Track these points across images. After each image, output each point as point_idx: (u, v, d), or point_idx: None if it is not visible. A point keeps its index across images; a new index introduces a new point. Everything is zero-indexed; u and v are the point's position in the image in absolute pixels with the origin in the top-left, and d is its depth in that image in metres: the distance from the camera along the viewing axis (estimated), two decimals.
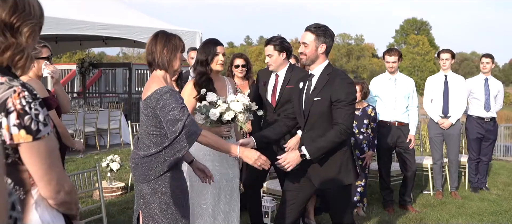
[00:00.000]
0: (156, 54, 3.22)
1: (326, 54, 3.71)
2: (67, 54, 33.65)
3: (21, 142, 1.66)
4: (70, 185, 1.84)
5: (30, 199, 1.78)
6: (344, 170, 3.65)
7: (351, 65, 75.29)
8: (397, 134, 6.16)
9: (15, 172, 1.74)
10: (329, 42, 3.67)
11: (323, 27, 3.67)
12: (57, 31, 9.42)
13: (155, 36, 3.28)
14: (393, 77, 6.21)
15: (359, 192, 5.88)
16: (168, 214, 3.21)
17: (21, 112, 1.65)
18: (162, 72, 3.26)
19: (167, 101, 3.08)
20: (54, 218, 1.84)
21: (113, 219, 5.76)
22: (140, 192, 3.27)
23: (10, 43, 1.72)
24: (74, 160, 9.52)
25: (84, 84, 16.43)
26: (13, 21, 1.72)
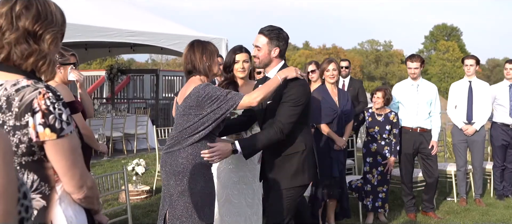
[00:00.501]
0: (196, 62, 3.44)
1: (281, 57, 3.67)
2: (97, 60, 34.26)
3: (46, 139, 1.78)
4: (92, 181, 1.96)
5: (55, 195, 1.89)
6: (299, 172, 3.62)
7: (380, 72, 74.64)
8: (419, 140, 6.15)
9: (41, 169, 1.86)
10: (282, 45, 3.62)
11: (276, 30, 3.62)
12: (86, 38, 9.65)
13: (191, 45, 3.50)
14: (416, 83, 6.21)
15: (380, 198, 5.89)
16: (194, 215, 3.31)
17: (46, 112, 1.77)
18: (199, 77, 3.47)
19: (209, 90, 3.32)
20: (76, 213, 1.95)
21: (137, 221, 5.90)
22: (169, 192, 3.38)
23: (33, 49, 1.83)
24: (102, 164, 9.73)
25: (112, 90, 16.75)
26: (36, 29, 1.83)
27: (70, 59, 3.98)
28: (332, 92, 5.45)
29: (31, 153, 1.81)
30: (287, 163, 3.62)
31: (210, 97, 3.29)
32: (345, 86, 7.90)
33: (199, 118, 3.31)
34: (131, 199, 6.74)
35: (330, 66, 5.42)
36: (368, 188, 5.92)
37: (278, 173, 3.65)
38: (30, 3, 1.84)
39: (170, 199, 3.37)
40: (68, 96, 3.81)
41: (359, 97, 7.55)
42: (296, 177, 3.62)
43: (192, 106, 3.33)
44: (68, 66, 3.97)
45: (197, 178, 3.33)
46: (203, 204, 3.36)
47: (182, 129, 3.36)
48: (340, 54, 68.20)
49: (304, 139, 3.65)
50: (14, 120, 1.77)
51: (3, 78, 1.83)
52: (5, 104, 1.77)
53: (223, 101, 3.29)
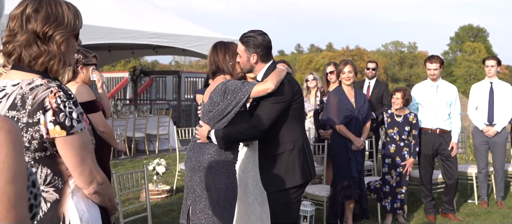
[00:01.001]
0: (219, 62, 3.58)
1: (263, 60, 3.64)
2: (121, 62, 34.70)
3: (56, 136, 1.86)
4: (102, 178, 2.02)
5: (67, 188, 1.97)
6: (290, 172, 3.62)
7: (404, 73, 73.93)
8: (439, 142, 6.11)
9: (54, 164, 1.94)
10: (260, 51, 3.59)
11: (252, 37, 3.59)
12: (109, 40, 9.81)
13: (214, 47, 3.65)
14: (435, 84, 6.18)
15: (399, 199, 5.87)
16: (216, 210, 3.39)
17: (56, 110, 1.85)
18: (224, 76, 3.59)
19: (230, 83, 3.45)
20: (89, 207, 2.02)
21: (157, 219, 5.99)
22: (192, 187, 3.47)
23: (42, 51, 1.91)
24: (124, 164, 9.88)
25: (135, 91, 16.97)
26: (46, 31, 1.91)
27: (92, 60, 4.09)
28: (349, 93, 5.47)
29: (43, 149, 1.89)
30: (276, 164, 3.64)
31: (229, 89, 3.41)
32: (370, 88, 7.88)
33: (221, 107, 3.43)
34: (152, 198, 6.86)
35: (346, 68, 5.43)
36: (387, 189, 5.90)
37: (268, 175, 3.68)
38: (40, 6, 1.91)
39: (193, 194, 3.44)
40: (89, 96, 3.92)
41: (384, 99, 7.52)
42: (286, 178, 3.62)
43: (216, 101, 3.44)
44: (90, 66, 4.08)
45: (221, 174, 3.42)
46: (226, 200, 3.45)
47: (208, 119, 3.48)
48: (363, 56, 67.83)
49: (292, 137, 3.64)
50: (27, 118, 1.85)
51: (19, 77, 1.91)
52: (20, 102, 1.86)
53: (240, 89, 3.40)
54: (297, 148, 3.64)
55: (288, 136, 3.63)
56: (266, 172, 3.68)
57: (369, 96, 7.82)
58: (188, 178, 3.52)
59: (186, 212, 3.54)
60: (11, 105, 1.87)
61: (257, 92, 3.44)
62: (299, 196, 3.76)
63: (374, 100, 7.80)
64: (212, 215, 3.41)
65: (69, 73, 3.97)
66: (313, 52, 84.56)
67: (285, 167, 3.61)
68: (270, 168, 3.65)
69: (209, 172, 3.40)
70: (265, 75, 3.64)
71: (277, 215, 3.69)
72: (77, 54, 3.99)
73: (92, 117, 3.90)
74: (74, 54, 2.12)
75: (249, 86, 3.43)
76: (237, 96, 3.40)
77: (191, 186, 3.49)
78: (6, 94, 1.90)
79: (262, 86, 3.43)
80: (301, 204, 5.47)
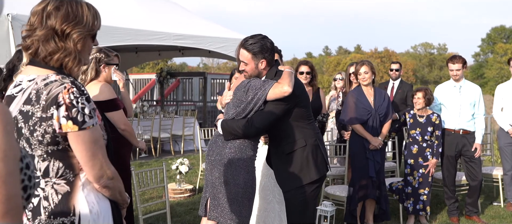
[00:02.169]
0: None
1: (270, 64, 3.67)
2: (150, 64, 35.10)
3: (69, 131, 1.93)
4: (112, 172, 2.08)
5: (78, 181, 2.04)
6: (304, 168, 3.62)
7: (434, 75, 72.96)
8: (462, 143, 6.04)
9: (66, 157, 2.01)
10: (268, 56, 3.61)
11: (258, 43, 3.57)
12: (136, 41, 9.94)
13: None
14: (458, 84, 6.11)
15: (422, 200, 5.82)
16: (234, 205, 3.44)
17: (69, 105, 1.92)
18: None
19: (253, 81, 3.56)
20: (99, 200, 2.08)
21: (179, 218, 6.06)
22: (212, 180, 3.53)
23: (59, 47, 1.99)
24: (150, 164, 10.02)
25: (162, 92, 17.16)
26: (64, 28, 1.98)
27: (114, 59, 4.18)
28: (367, 93, 5.45)
29: (56, 143, 1.96)
30: (290, 162, 3.65)
31: (251, 87, 3.49)
32: (394, 88, 7.84)
33: (243, 105, 3.51)
34: (175, 197, 6.96)
35: (362, 68, 5.41)
36: (409, 190, 5.86)
37: (283, 174, 3.69)
38: (61, 4, 1.99)
39: (212, 188, 3.50)
40: (110, 94, 4.01)
41: (408, 100, 7.47)
42: (302, 175, 3.63)
43: (240, 98, 3.53)
44: (112, 66, 4.17)
45: (240, 170, 3.47)
46: (244, 196, 3.50)
47: (229, 115, 3.56)
48: (392, 58, 67.08)
49: (304, 135, 3.64)
50: (41, 112, 1.92)
51: (35, 73, 1.99)
52: (35, 97, 1.93)
53: (259, 89, 3.46)
54: (310, 144, 3.65)
55: (299, 134, 3.64)
56: (281, 170, 3.70)
57: (392, 97, 7.79)
58: (208, 171, 3.58)
59: (204, 204, 3.61)
60: (26, 100, 1.95)
61: (275, 95, 3.46)
62: (315, 193, 3.76)
63: (398, 101, 7.75)
64: (229, 210, 3.45)
65: (92, 72, 4.07)
66: (341, 54, 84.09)
67: (300, 164, 3.63)
68: (284, 166, 3.67)
69: (228, 167, 3.46)
70: (268, 75, 3.66)
71: (293, 213, 3.70)
72: (99, 53, 4.09)
73: (113, 115, 3.99)
74: (89, 54, 2.18)
75: (268, 85, 3.47)
76: (256, 95, 3.46)
77: (210, 179, 3.55)
78: (22, 89, 1.98)
79: (279, 88, 3.44)
80: (322, 204, 5.48)
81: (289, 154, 3.64)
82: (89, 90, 3.99)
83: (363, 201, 5.50)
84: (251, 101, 3.48)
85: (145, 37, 10.02)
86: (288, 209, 3.74)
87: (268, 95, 3.45)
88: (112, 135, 4.04)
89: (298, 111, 3.62)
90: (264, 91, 3.45)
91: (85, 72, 4.11)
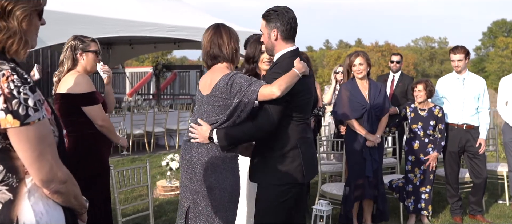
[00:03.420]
0: (223, 46, 3.19)
1: (285, 39, 3.26)
2: (150, 58, 34.83)
3: (8, 127, 1.62)
4: (65, 175, 1.78)
5: (23, 187, 1.73)
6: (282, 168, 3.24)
7: (434, 69, 72.59)
8: (465, 138, 5.73)
9: (7, 158, 1.70)
10: (281, 26, 3.22)
11: (273, 10, 3.25)
12: (127, 32, 9.64)
13: (217, 28, 3.25)
14: (461, 76, 5.79)
15: (423, 199, 5.52)
16: (220, 211, 3.13)
17: (8, 96, 1.61)
18: (226, 64, 3.24)
19: (237, 78, 3.10)
20: (49, 209, 1.77)
21: (168, 217, 5.78)
22: (191, 187, 3.18)
23: (1, 27, 1.68)
24: (143, 159, 9.73)
25: (158, 86, 16.87)
26: (4, 4, 1.68)
27: (91, 45, 3.87)
28: (362, 86, 5.11)
29: None
30: (271, 160, 3.28)
31: (236, 83, 3.09)
32: (394, 82, 7.58)
33: (227, 108, 3.11)
34: (165, 195, 6.67)
35: (357, 60, 5.09)
36: (410, 189, 5.56)
37: (262, 170, 3.32)
38: None
39: (193, 195, 3.17)
40: (87, 86, 3.70)
41: (408, 94, 7.19)
42: (280, 174, 3.26)
43: (221, 96, 3.12)
44: (90, 53, 3.85)
45: (226, 173, 3.15)
46: (230, 200, 3.19)
47: (209, 119, 3.17)
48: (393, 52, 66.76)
49: (288, 135, 3.25)
50: None
51: None
52: None
53: (247, 90, 3.06)
54: (293, 144, 3.26)
55: (285, 133, 3.25)
56: (261, 168, 3.34)
57: (393, 90, 7.51)
58: (185, 177, 3.23)
59: (183, 215, 3.25)
60: None
61: (262, 96, 3.08)
62: (286, 198, 3.30)
63: (398, 94, 7.48)
64: (215, 217, 3.12)
65: (69, 61, 3.77)
66: (342, 48, 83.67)
67: (281, 164, 3.26)
68: (266, 164, 3.31)
69: (213, 171, 3.12)
70: (281, 58, 3.27)
71: (259, 212, 3.35)
72: (74, 40, 3.78)
73: (90, 109, 3.69)
74: (37, 34, 1.87)
75: (256, 85, 3.08)
76: (245, 98, 3.06)
77: (189, 186, 3.20)
78: None
79: (267, 89, 3.05)
80: (318, 203, 5.19)
81: (272, 153, 3.29)
82: (64, 82, 3.68)
83: (360, 202, 5.20)
84: (239, 105, 3.07)
85: (137, 28, 9.72)
86: (257, 207, 3.38)
87: (258, 97, 3.08)
88: (90, 131, 3.78)
89: (294, 107, 3.24)
90: (253, 93, 3.05)
91: (62, 64, 3.80)
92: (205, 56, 3.27)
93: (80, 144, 3.71)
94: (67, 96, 3.67)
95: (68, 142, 3.73)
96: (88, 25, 8.83)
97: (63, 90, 3.69)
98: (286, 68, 3.20)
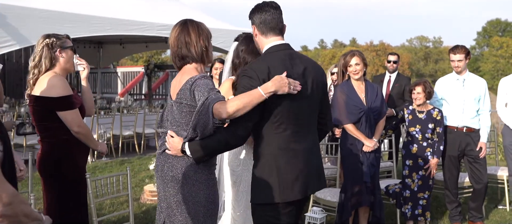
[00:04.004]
0: (191, 45, 2.86)
1: (264, 34, 2.94)
2: (144, 57, 34.48)
3: None
4: (9, 195, 1.52)
5: None
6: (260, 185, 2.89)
7: (429, 69, 72.56)
8: (465, 141, 5.49)
9: None
10: (256, 20, 2.93)
11: (252, 7, 2.99)
12: (116, 31, 9.45)
13: (184, 24, 2.92)
14: (461, 77, 5.55)
15: (421, 205, 5.29)
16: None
17: None
18: (195, 65, 2.91)
19: (201, 84, 2.75)
20: None
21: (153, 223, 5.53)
22: (166, 200, 2.93)
23: None
24: (132, 161, 9.47)
25: (149, 86, 16.60)
26: None
27: (67, 42, 3.61)
28: (359, 88, 4.87)
29: None
30: (250, 173, 3.00)
31: (198, 88, 2.75)
32: (391, 82, 7.35)
33: (196, 118, 2.76)
34: (152, 200, 6.41)
35: (353, 60, 4.84)
36: (407, 194, 5.32)
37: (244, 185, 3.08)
38: None
39: (168, 208, 2.91)
40: (63, 89, 3.44)
41: (405, 95, 6.97)
42: (256, 191, 2.91)
43: (186, 103, 2.82)
44: (68, 50, 3.59)
45: (200, 185, 2.85)
46: (206, 214, 2.90)
47: (177, 127, 2.89)
48: (388, 51, 66.69)
49: (267, 144, 2.89)
50: None
51: None
52: None
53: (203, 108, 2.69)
54: (271, 155, 2.88)
55: (263, 142, 2.90)
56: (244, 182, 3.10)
57: (389, 91, 7.28)
58: (161, 188, 2.97)
59: None
60: None
61: (215, 113, 2.69)
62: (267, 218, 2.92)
63: (394, 95, 7.25)
64: None
65: (46, 61, 3.49)
66: (336, 47, 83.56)
67: (257, 178, 2.91)
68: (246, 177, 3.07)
69: (185, 182, 2.83)
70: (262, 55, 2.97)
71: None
72: (49, 38, 3.51)
73: (66, 114, 3.42)
74: None
75: (213, 97, 2.70)
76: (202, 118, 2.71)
77: (165, 198, 2.94)
78: None
79: (217, 110, 2.67)
80: (311, 210, 4.96)
81: (251, 164, 3.00)
82: (39, 84, 3.41)
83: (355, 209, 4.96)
84: (199, 122, 2.72)
85: (126, 27, 9.51)
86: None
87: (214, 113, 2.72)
88: (66, 137, 3.51)
89: (276, 112, 2.85)
90: (208, 105, 2.69)
91: (37, 65, 3.51)
92: (173, 56, 2.94)
93: (55, 150, 3.46)
94: (41, 99, 3.41)
95: (42, 148, 3.48)
96: (75, 23, 8.61)
97: (37, 92, 3.42)
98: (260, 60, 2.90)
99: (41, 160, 3.49)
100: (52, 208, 3.43)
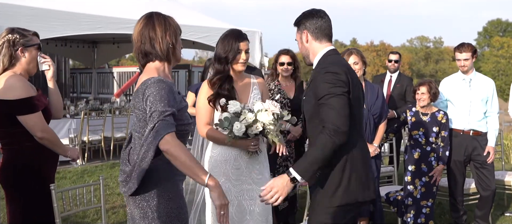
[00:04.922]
0: (156, 40, 2.53)
1: (318, 39, 2.95)
2: None
3: None
4: None
5: None
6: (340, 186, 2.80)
7: (429, 69, 72.35)
8: (472, 145, 5.16)
9: None
10: (310, 25, 2.94)
11: (302, 14, 3.00)
12: (107, 30, 9.15)
13: (150, 18, 2.58)
14: (468, 77, 5.22)
15: (424, 213, 4.96)
16: None
17: None
18: (158, 63, 2.57)
19: (152, 95, 2.40)
20: None
21: None
22: (131, 214, 2.61)
23: None
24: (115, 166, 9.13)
25: None
26: None
27: (33, 39, 3.26)
28: None
29: None
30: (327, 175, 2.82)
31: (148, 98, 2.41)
32: (392, 82, 7.06)
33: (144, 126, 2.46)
34: None
35: (351, 59, 4.55)
36: (409, 202, 5.00)
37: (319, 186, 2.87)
38: None
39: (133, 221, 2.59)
40: (23, 91, 3.09)
41: (407, 96, 6.68)
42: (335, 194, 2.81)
43: (139, 110, 2.49)
44: (32, 49, 3.25)
45: (160, 198, 2.52)
46: None
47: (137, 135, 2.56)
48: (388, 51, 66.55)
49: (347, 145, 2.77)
50: None
51: None
52: None
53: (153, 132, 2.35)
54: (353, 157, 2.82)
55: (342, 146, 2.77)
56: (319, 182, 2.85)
57: (390, 92, 6.99)
58: (127, 201, 2.65)
59: None
60: None
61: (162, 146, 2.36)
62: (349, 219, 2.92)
63: (396, 96, 6.96)
64: None
65: (5, 59, 3.14)
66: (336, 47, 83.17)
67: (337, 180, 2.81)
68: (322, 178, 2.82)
69: (143, 196, 2.51)
70: (320, 63, 2.90)
71: None
72: (12, 34, 3.17)
73: (27, 119, 3.07)
74: None
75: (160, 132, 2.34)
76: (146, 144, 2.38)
77: (130, 213, 2.63)
78: None
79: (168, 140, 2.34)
80: (305, 220, 4.64)
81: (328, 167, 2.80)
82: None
83: None
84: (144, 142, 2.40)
85: (117, 25, 9.18)
86: None
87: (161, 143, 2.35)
88: (30, 144, 3.16)
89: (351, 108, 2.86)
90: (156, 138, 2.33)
91: None
92: (135, 53, 2.62)
93: (18, 158, 3.12)
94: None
95: (3, 156, 3.14)
96: (64, 21, 8.30)
97: None
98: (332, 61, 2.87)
99: (2, 169, 3.15)
100: (16, 221, 3.10)
